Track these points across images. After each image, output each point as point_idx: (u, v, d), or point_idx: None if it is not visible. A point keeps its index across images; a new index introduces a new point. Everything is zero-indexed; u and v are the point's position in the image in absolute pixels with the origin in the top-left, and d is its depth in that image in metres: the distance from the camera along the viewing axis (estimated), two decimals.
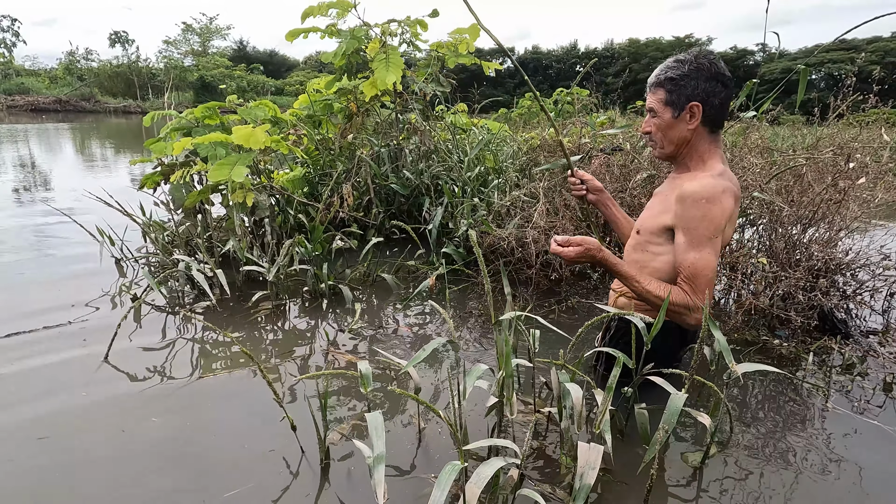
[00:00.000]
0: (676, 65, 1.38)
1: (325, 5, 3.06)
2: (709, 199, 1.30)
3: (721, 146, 1.43)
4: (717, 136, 1.41)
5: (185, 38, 43.50)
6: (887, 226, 2.90)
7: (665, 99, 1.40)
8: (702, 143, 1.40)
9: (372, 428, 1.03)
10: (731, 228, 1.40)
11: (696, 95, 1.36)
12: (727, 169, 1.40)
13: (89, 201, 3.01)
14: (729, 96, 1.38)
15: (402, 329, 2.10)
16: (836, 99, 2.24)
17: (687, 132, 1.39)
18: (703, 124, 1.38)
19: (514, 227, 2.40)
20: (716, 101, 1.35)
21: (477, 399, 1.56)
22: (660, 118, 1.42)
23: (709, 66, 1.34)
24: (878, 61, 31.74)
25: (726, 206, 1.31)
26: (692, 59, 1.36)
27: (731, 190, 1.33)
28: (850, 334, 2.06)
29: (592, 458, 1.06)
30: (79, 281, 2.55)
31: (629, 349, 1.32)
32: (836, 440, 1.43)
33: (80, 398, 1.55)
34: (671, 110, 1.39)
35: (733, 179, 1.38)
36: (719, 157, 1.40)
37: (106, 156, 8.92)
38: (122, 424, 1.43)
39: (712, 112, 1.36)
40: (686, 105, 1.37)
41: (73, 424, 1.43)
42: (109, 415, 1.48)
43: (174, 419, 1.46)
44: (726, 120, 1.41)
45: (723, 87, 1.35)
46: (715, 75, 1.34)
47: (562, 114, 4.82)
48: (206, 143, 2.54)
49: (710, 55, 1.37)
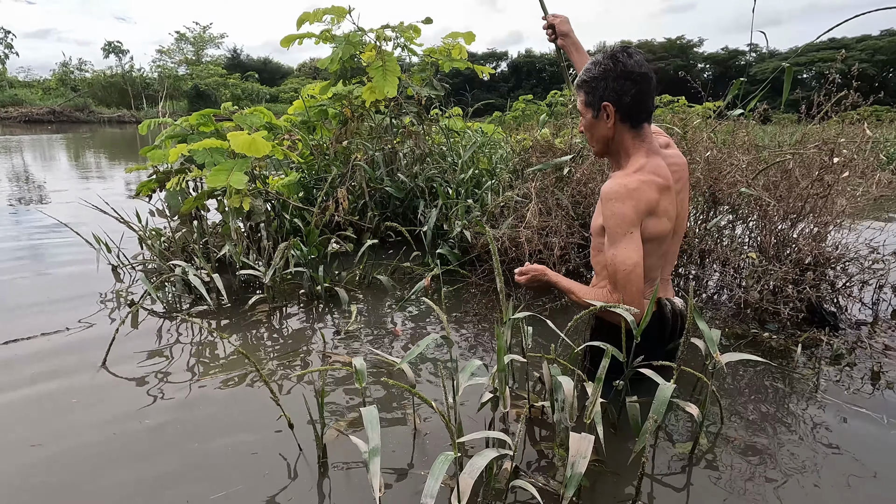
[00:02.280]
0: (591, 66, 1.42)
1: (321, 11, 3.10)
2: (616, 198, 1.35)
3: (648, 138, 1.42)
4: (641, 130, 1.42)
5: (178, 47, 43.63)
6: (874, 224, 2.95)
7: (585, 100, 1.45)
8: (626, 140, 1.43)
9: (367, 422, 1.05)
10: (663, 217, 1.38)
11: (608, 95, 1.39)
12: (650, 160, 1.40)
13: (85, 210, 3.02)
14: (643, 91, 1.38)
15: (397, 331, 2.12)
16: (821, 96, 2.28)
17: (608, 130, 1.43)
18: (621, 122, 1.41)
19: (507, 228, 2.43)
20: (626, 98, 1.37)
21: (473, 395, 1.58)
22: (584, 119, 1.48)
23: (614, 65, 1.37)
24: (867, 59, 32.06)
25: (639, 202, 1.34)
26: (601, 60, 1.39)
27: (646, 183, 1.35)
28: (839, 326, 2.09)
29: (584, 448, 1.08)
30: (76, 288, 2.56)
31: (611, 342, 1.35)
32: (824, 428, 1.46)
33: (74, 404, 1.56)
34: (591, 111, 1.44)
35: (657, 170, 1.38)
36: (644, 151, 1.41)
37: (101, 165, 8.92)
38: (116, 428, 1.45)
39: (626, 109, 1.39)
40: (600, 105, 1.41)
41: (66, 429, 1.44)
42: (104, 419, 1.49)
43: (171, 420, 1.48)
44: (648, 113, 1.41)
45: (633, 84, 1.36)
46: (623, 74, 1.36)
47: (555, 115, 4.86)
48: (202, 150, 2.56)
49: (620, 54, 1.38)
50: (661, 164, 1.40)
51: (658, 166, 1.39)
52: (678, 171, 1.47)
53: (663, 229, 1.40)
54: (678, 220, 1.47)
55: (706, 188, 2.28)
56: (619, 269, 1.36)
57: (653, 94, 1.42)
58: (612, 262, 1.38)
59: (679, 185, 1.46)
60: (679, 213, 1.46)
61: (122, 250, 2.90)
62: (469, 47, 3.54)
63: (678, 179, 1.46)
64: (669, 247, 1.49)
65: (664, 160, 1.44)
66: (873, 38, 37.22)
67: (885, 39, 36.75)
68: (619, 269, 1.36)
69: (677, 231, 1.49)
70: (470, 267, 2.61)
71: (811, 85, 26.91)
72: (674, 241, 1.50)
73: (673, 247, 1.52)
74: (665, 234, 1.41)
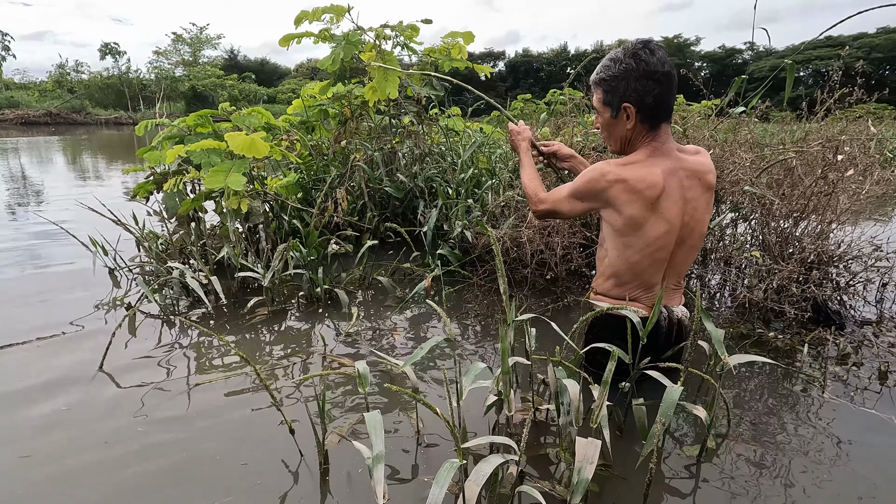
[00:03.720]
0: (609, 64, 1.37)
1: (320, 10, 3.07)
2: (590, 170, 1.44)
3: (661, 137, 1.39)
4: (657, 129, 1.38)
5: (175, 48, 43.45)
6: (878, 219, 2.94)
7: (603, 99, 1.41)
8: (641, 139, 1.40)
9: (371, 427, 1.03)
10: (625, 213, 1.38)
11: (629, 96, 1.34)
12: (646, 158, 1.38)
13: (81, 212, 2.99)
14: (666, 90, 1.33)
15: (398, 334, 2.10)
16: (823, 93, 2.27)
17: (627, 131, 1.40)
18: (641, 122, 1.37)
19: (508, 227, 2.41)
20: (649, 99, 1.32)
21: (477, 398, 1.56)
22: (602, 117, 1.45)
23: (636, 64, 1.31)
24: (864, 57, 32.20)
25: (596, 185, 1.41)
26: (622, 57, 1.34)
27: (616, 174, 1.36)
28: (845, 325, 2.07)
29: (590, 453, 1.06)
30: (72, 291, 2.53)
31: (609, 336, 1.35)
32: (832, 429, 1.44)
33: (68, 408, 1.54)
34: (609, 110, 1.41)
35: (643, 175, 1.34)
36: (648, 150, 1.38)
37: (98, 167, 8.88)
38: (110, 434, 1.42)
39: (647, 111, 1.35)
40: (621, 106, 1.37)
41: (58, 437, 1.42)
42: (98, 426, 1.46)
43: (168, 426, 1.45)
44: (669, 113, 1.37)
45: (656, 84, 1.31)
46: (645, 73, 1.31)
47: (555, 114, 4.85)
48: (199, 151, 2.53)
49: (643, 51, 1.32)
50: (653, 171, 1.35)
51: (648, 172, 1.35)
52: (692, 177, 1.40)
53: (628, 226, 1.38)
54: (685, 229, 1.41)
55: None
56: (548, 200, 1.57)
57: (675, 93, 1.37)
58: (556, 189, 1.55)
59: (692, 193, 1.40)
60: (687, 222, 1.40)
61: (119, 253, 2.87)
62: (467, 47, 3.51)
63: (689, 187, 1.39)
64: (675, 255, 1.45)
65: (677, 163, 1.39)
66: (869, 35, 37.35)
67: (882, 37, 36.89)
68: (548, 200, 1.57)
69: (685, 241, 1.43)
70: (471, 267, 2.59)
71: (808, 83, 26.94)
72: (681, 250, 1.44)
73: (679, 256, 1.46)
74: (635, 232, 1.39)
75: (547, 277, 2.41)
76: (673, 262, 1.47)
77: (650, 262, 1.42)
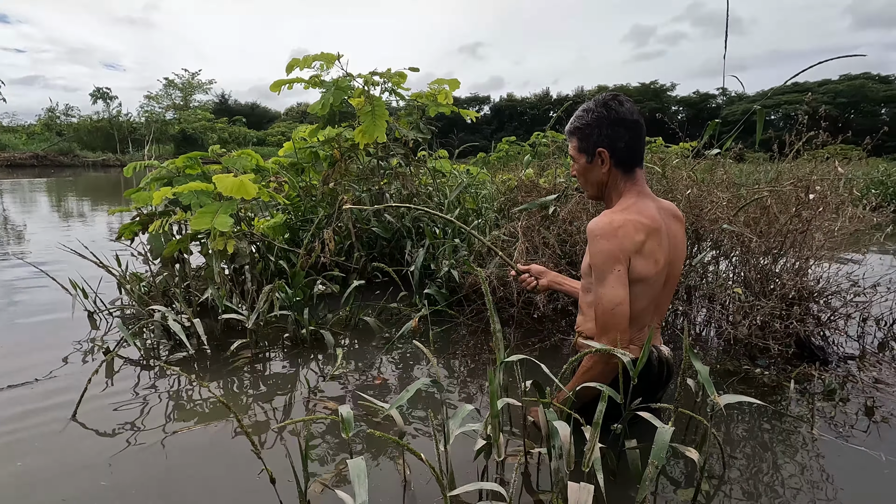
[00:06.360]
0: (583, 114, 1.46)
1: (310, 58, 3.18)
2: (602, 235, 1.35)
3: (640, 181, 1.45)
4: (633, 173, 1.44)
5: (167, 92, 44.20)
6: (853, 258, 3.02)
7: (578, 146, 1.48)
8: (619, 183, 1.46)
9: (354, 476, 0.99)
10: (650, 258, 1.36)
11: (602, 142, 1.42)
12: (639, 201, 1.41)
13: (63, 254, 2.95)
14: (635, 137, 1.42)
15: (381, 379, 2.06)
16: (791, 136, 2.38)
17: (602, 175, 1.47)
18: (615, 166, 1.44)
19: (495, 267, 2.43)
20: (621, 144, 1.41)
21: (467, 439, 1.52)
22: (578, 164, 1.51)
23: (607, 113, 1.40)
24: (830, 101, 34.05)
25: (624, 239, 1.32)
26: (594, 107, 1.43)
27: (631, 222, 1.34)
28: (829, 360, 2.09)
29: (583, 499, 1.03)
30: (48, 336, 2.46)
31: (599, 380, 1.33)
32: (824, 469, 1.43)
33: (35, 461, 1.46)
34: (585, 156, 1.48)
35: (644, 211, 1.38)
36: (635, 193, 1.43)
37: (82, 209, 8.81)
38: (78, 487, 1.34)
39: (619, 155, 1.42)
40: (595, 151, 1.44)
41: (27, 491, 1.34)
42: (68, 479, 1.39)
43: (143, 477, 1.38)
44: (640, 158, 1.44)
45: (626, 131, 1.40)
46: (616, 121, 1.40)
47: (538, 156, 4.98)
48: (188, 192, 2.54)
49: (612, 101, 1.41)
50: (650, 206, 1.41)
51: (646, 207, 1.40)
52: (670, 216, 1.47)
53: (650, 271, 1.37)
54: (670, 268, 1.44)
55: (689, 225, 2.32)
56: (605, 307, 1.34)
57: (644, 140, 1.45)
58: (598, 299, 1.36)
59: (674, 230, 1.45)
60: (671, 261, 1.43)
61: (100, 295, 2.81)
62: (453, 92, 3.65)
63: (670, 225, 1.44)
64: (660, 295, 1.46)
65: (659, 203, 1.45)
66: (833, 81, 39.71)
67: (844, 83, 39.24)
68: (605, 306, 1.34)
69: (669, 280, 1.46)
70: (458, 307, 2.58)
71: (780, 125, 28.29)
72: (665, 289, 1.47)
73: (664, 296, 1.49)
74: (651, 275, 1.37)
75: (534, 316, 2.41)
76: (660, 304, 1.49)
77: (647, 301, 1.43)
